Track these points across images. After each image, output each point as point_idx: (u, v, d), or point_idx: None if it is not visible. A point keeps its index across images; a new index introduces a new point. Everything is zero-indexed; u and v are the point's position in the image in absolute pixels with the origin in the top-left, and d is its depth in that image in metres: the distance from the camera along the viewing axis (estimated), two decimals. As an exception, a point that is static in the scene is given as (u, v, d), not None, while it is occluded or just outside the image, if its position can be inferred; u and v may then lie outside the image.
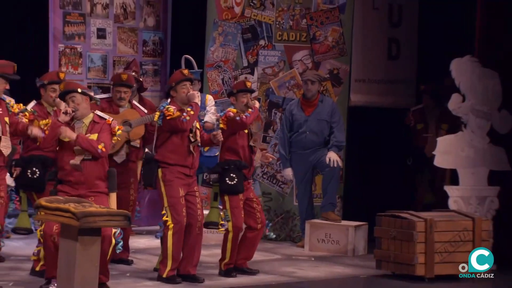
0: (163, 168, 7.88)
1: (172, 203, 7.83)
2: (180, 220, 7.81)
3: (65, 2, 10.27)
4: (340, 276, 8.56)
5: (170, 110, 7.81)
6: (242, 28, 10.37)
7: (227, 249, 8.19)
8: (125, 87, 8.67)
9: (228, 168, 8.10)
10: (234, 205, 8.14)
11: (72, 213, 6.77)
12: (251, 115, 8.18)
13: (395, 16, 10.51)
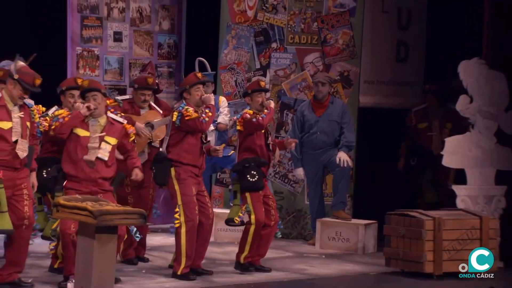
0: (176, 167, 7.88)
1: (185, 201, 7.84)
2: (193, 218, 7.83)
3: (82, 6, 10.29)
4: (350, 273, 8.56)
5: (189, 111, 7.82)
6: (254, 31, 10.37)
7: (247, 242, 8.18)
8: (150, 90, 8.68)
9: (249, 166, 8.12)
10: (255, 200, 8.17)
11: (89, 211, 6.78)
12: (267, 116, 8.18)
13: (404, 19, 10.51)
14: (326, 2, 10.12)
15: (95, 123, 7.49)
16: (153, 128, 8.50)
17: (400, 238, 8.25)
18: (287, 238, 10.04)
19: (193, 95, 7.95)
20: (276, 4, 10.26)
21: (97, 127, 7.49)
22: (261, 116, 8.15)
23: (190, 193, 7.84)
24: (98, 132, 7.47)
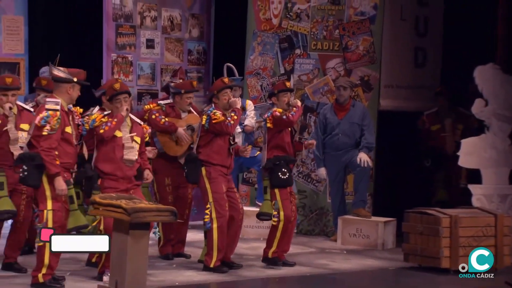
0: (207, 167, 7.91)
1: (216, 198, 7.86)
2: (224, 214, 7.85)
3: (117, 15, 10.30)
4: (370, 268, 8.52)
5: (216, 115, 7.86)
6: (279, 38, 10.34)
7: (275, 238, 8.17)
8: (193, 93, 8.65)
9: (279, 164, 8.11)
10: (284, 197, 8.15)
11: (123, 208, 6.79)
12: (296, 113, 8.18)
13: (421, 26, 10.45)
14: (347, 10, 10.08)
15: (125, 124, 7.54)
16: (194, 131, 8.47)
17: (418, 234, 8.20)
18: (310, 235, 10.01)
19: (221, 100, 7.97)
20: (300, 12, 10.23)
21: (127, 127, 7.55)
22: (290, 113, 8.13)
23: (220, 190, 7.87)
24: (128, 132, 7.52)
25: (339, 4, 10.11)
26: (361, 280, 8.18)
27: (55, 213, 7.11)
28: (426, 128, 10.32)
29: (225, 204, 7.87)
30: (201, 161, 7.94)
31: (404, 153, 10.37)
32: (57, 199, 7.12)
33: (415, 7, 10.38)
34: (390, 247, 9.43)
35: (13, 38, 10.24)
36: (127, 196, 7.22)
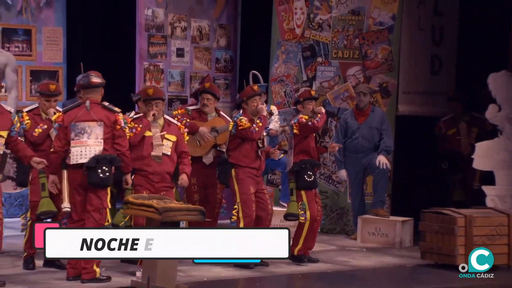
0: (236, 169, 7.95)
1: (243, 199, 7.88)
2: (250, 214, 7.86)
3: (149, 25, 10.34)
4: (388, 265, 8.48)
5: (242, 121, 7.90)
6: (302, 47, 10.32)
7: (301, 236, 8.17)
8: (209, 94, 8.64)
9: (305, 167, 8.11)
10: (310, 198, 8.16)
11: (155, 208, 6.81)
12: (321, 120, 8.19)
13: (437, 35, 10.40)
14: (367, 20, 10.05)
15: (155, 124, 7.68)
16: (218, 133, 8.49)
17: (434, 233, 8.15)
18: (331, 233, 9.98)
19: (250, 106, 8.00)
20: (322, 22, 10.21)
21: (157, 127, 7.66)
22: (315, 119, 8.12)
23: (247, 191, 7.89)
24: (158, 131, 7.60)
25: (359, 15, 10.08)
26: (379, 276, 8.14)
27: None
28: (442, 133, 10.27)
29: (252, 205, 7.88)
30: (230, 163, 7.97)
31: (420, 155, 10.32)
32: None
33: (431, 17, 10.34)
34: (407, 245, 9.37)
35: (52, 48, 10.30)
36: (158, 196, 7.26)
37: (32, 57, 10.21)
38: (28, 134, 7.45)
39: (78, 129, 7.15)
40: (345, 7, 10.11)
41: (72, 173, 7.18)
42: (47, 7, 10.21)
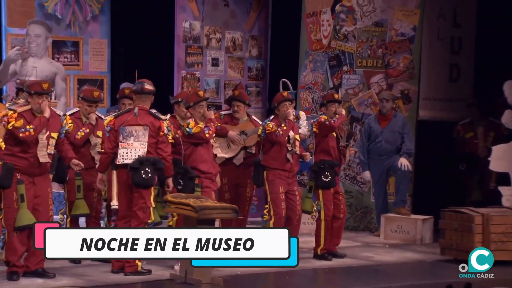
0: (267, 171, 7.93)
1: (273, 198, 7.86)
2: (279, 212, 7.82)
3: (187, 37, 10.36)
4: (410, 260, 8.41)
5: (269, 126, 7.90)
6: (328, 57, 10.28)
7: (321, 236, 8.11)
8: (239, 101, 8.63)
9: (324, 167, 8.06)
10: (326, 198, 8.09)
11: (192, 206, 6.82)
12: (338, 120, 8.15)
13: (455, 45, 10.32)
14: (389, 31, 9.99)
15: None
16: (247, 136, 8.47)
17: (453, 231, 8.08)
18: (356, 230, 9.92)
19: (281, 111, 7.98)
20: (347, 33, 10.16)
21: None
22: (333, 120, 8.07)
23: (277, 191, 7.86)
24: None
25: (382, 26, 10.03)
26: (401, 271, 8.07)
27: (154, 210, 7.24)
28: (461, 136, 10.18)
29: (281, 204, 7.84)
30: (262, 165, 7.96)
31: (440, 158, 10.24)
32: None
33: (450, 28, 10.26)
34: (427, 242, 9.29)
35: (98, 58, 10.35)
36: (195, 195, 7.25)
37: (79, 66, 10.27)
38: (71, 137, 7.48)
39: (126, 132, 7.19)
40: (369, 19, 10.06)
41: (119, 172, 7.21)
42: (93, 20, 10.27)
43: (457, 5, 10.29)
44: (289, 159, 7.93)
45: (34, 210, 6.86)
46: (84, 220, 7.86)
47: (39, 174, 6.90)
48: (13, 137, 6.82)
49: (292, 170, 7.95)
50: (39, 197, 6.91)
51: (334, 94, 8.48)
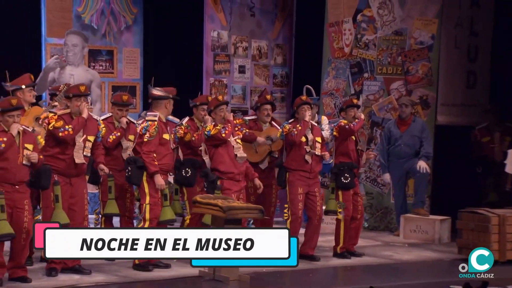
0: (288, 172, 7.87)
1: (291, 199, 7.83)
2: (296, 212, 7.79)
3: (215, 46, 10.37)
4: (428, 259, 8.35)
5: (286, 128, 7.87)
6: (350, 64, 10.23)
7: (340, 235, 8.05)
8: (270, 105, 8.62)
9: (343, 169, 8.02)
10: (345, 198, 8.04)
11: (220, 207, 6.81)
12: (357, 124, 8.10)
13: (472, 53, 10.22)
14: (409, 40, 9.92)
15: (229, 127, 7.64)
16: (273, 141, 8.45)
17: (470, 231, 8.00)
18: (376, 230, 9.85)
19: (300, 114, 7.92)
20: (368, 42, 10.11)
21: None
22: (352, 123, 8.03)
23: (295, 192, 7.82)
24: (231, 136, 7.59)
25: (401, 35, 9.96)
26: (420, 269, 8.00)
27: (151, 207, 7.12)
28: (477, 140, 10.09)
29: (298, 204, 7.80)
30: (284, 167, 7.91)
31: (457, 161, 10.14)
32: (154, 195, 7.13)
33: (467, 37, 10.16)
34: (445, 241, 9.21)
35: (131, 66, 10.40)
36: (223, 196, 7.24)
37: (114, 74, 10.32)
38: (104, 140, 7.51)
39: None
40: (389, 28, 10.00)
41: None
42: (127, 30, 10.32)
43: (474, 14, 10.20)
44: (307, 161, 7.88)
45: (70, 209, 6.88)
46: (118, 220, 7.89)
47: (75, 175, 6.92)
48: (53, 138, 6.85)
49: (312, 171, 7.89)
50: (75, 198, 6.93)
51: (353, 99, 8.45)
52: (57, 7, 9.79)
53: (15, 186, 6.49)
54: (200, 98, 8.17)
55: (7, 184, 6.45)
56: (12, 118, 6.49)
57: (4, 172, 6.45)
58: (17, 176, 6.48)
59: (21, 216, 6.51)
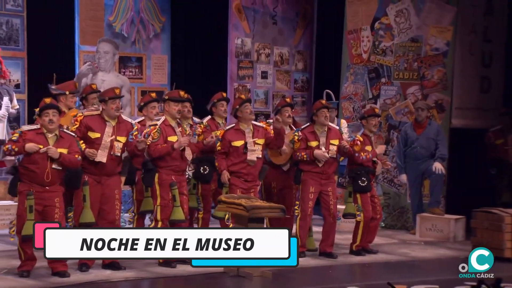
0: (303, 172, 7.85)
1: (302, 196, 7.81)
2: (305, 209, 7.77)
3: (239, 52, 10.41)
4: (443, 256, 8.29)
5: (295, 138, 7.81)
6: (368, 70, 10.21)
7: (358, 234, 8.03)
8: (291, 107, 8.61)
9: (360, 173, 7.98)
10: (364, 200, 8.00)
11: (243, 206, 6.83)
12: (366, 158, 7.88)
13: (486, 59, 10.16)
14: (424, 47, 9.88)
15: (249, 130, 7.60)
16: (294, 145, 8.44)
17: (484, 229, 7.93)
18: (393, 229, 9.81)
19: (319, 117, 7.86)
20: (385, 48, 10.08)
21: (249, 132, 7.57)
22: (362, 156, 7.90)
23: (307, 190, 7.78)
24: (251, 138, 7.54)
25: (417, 42, 9.92)
26: (435, 266, 7.95)
27: (162, 208, 7.10)
28: (491, 143, 10.02)
29: (308, 202, 7.75)
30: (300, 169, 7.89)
31: (472, 162, 10.08)
32: (165, 197, 7.08)
33: (481, 43, 10.10)
34: (460, 239, 9.14)
35: (159, 72, 10.46)
36: (246, 196, 7.26)
37: (143, 79, 10.38)
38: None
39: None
40: (406, 35, 9.97)
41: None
42: (155, 38, 10.38)
43: (488, 22, 10.13)
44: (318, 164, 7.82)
45: (101, 209, 6.88)
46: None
47: (105, 175, 6.90)
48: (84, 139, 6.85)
49: (325, 172, 7.83)
50: (106, 197, 6.91)
51: (375, 108, 8.35)
52: (90, 16, 9.88)
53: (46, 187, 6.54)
54: (216, 96, 8.10)
55: (38, 185, 6.51)
56: (47, 116, 6.52)
57: (35, 175, 6.50)
58: (47, 179, 6.51)
59: (52, 213, 6.54)
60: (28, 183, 6.51)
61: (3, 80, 8.65)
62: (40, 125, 6.62)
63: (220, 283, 6.81)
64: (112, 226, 6.79)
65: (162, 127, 7.14)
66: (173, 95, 7.36)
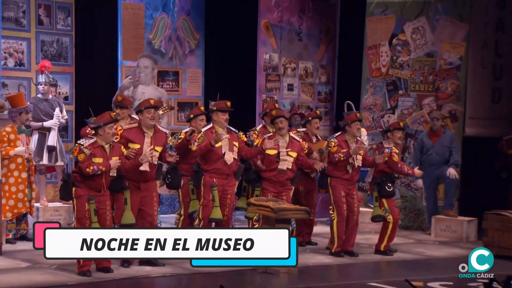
0: (330, 178, 7.86)
1: (336, 201, 7.81)
2: (342, 213, 7.76)
3: (267, 66, 10.45)
4: (457, 255, 8.24)
5: (332, 144, 7.82)
6: (386, 82, 10.19)
7: (386, 235, 8.01)
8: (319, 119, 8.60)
9: (385, 180, 7.98)
10: (390, 204, 8.01)
11: (271, 208, 6.85)
12: (389, 158, 7.90)
13: (497, 72, 10.09)
14: (439, 61, 9.84)
15: (283, 141, 7.61)
16: (322, 154, 8.44)
17: (495, 230, 7.89)
18: (409, 229, 9.76)
19: (352, 128, 7.86)
20: (402, 63, 10.06)
21: (283, 143, 7.62)
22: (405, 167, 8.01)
23: (338, 195, 7.79)
24: (284, 148, 7.57)
25: (432, 57, 9.89)
26: (449, 264, 7.88)
27: (203, 208, 7.21)
28: (504, 151, 9.90)
29: (343, 205, 7.78)
30: (327, 174, 7.92)
31: (483, 168, 9.99)
32: (206, 197, 7.18)
33: (493, 57, 10.04)
34: (472, 240, 9.08)
35: (194, 85, 10.55)
36: (274, 198, 7.29)
37: (179, 92, 10.48)
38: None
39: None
40: (422, 51, 9.94)
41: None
42: (190, 54, 10.48)
43: (499, 37, 10.07)
44: (348, 170, 7.84)
45: (140, 210, 6.97)
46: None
47: (143, 181, 6.99)
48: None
49: (352, 179, 7.87)
50: (144, 200, 7.00)
51: (400, 122, 8.39)
52: (131, 34, 10.02)
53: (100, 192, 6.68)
54: (267, 106, 8.39)
55: (94, 191, 6.64)
56: (111, 130, 6.66)
57: (93, 181, 6.63)
58: (105, 185, 6.68)
59: (105, 215, 6.69)
60: (86, 188, 6.62)
61: (45, 75, 8.68)
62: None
63: (249, 279, 6.84)
64: (151, 226, 6.86)
65: (207, 134, 7.26)
66: (220, 105, 7.41)
